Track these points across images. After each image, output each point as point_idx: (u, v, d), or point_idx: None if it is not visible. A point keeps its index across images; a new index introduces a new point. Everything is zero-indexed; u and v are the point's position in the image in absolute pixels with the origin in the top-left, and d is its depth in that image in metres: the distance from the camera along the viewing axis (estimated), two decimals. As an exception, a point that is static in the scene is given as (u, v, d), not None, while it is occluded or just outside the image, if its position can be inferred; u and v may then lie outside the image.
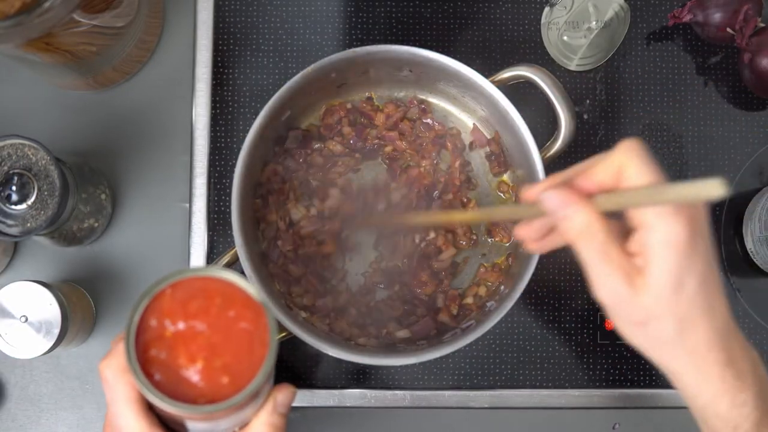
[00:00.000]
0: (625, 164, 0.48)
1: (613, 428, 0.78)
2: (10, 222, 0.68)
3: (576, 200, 0.49)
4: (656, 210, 0.47)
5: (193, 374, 0.45)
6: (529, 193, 0.52)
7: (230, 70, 0.79)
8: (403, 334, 0.72)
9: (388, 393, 0.76)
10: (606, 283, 0.49)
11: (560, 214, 0.49)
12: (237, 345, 0.46)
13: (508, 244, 0.75)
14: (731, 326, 0.51)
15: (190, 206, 0.77)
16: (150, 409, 0.50)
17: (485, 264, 0.75)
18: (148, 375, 0.45)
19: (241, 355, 0.46)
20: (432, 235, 0.75)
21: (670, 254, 0.48)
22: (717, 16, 0.75)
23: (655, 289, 0.48)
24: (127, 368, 0.45)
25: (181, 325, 0.46)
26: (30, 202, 0.67)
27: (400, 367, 0.76)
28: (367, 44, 0.70)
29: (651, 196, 0.47)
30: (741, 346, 0.51)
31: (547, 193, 0.49)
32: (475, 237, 0.75)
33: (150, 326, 0.46)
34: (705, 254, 0.49)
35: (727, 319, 0.51)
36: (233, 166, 0.68)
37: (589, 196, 0.49)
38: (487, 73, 0.69)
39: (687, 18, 0.76)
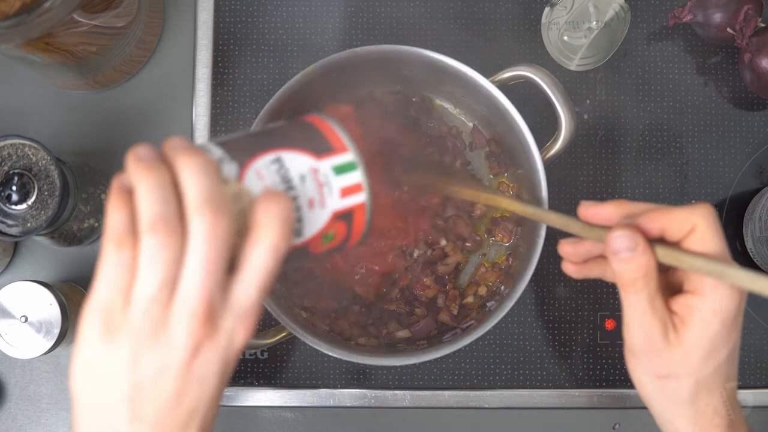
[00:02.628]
0: (699, 227, 0.48)
1: (613, 428, 0.78)
2: (10, 222, 0.67)
3: (644, 246, 0.48)
4: (713, 281, 0.48)
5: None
6: (591, 212, 0.52)
7: (230, 70, 0.79)
8: (403, 334, 0.72)
9: (388, 393, 0.76)
10: (642, 330, 0.50)
11: (623, 255, 0.49)
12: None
13: (508, 244, 0.75)
14: (735, 392, 0.53)
15: (190, 206, 0.77)
16: None
17: (485, 264, 0.75)
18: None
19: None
20: (444, 242, 0.74)
21: (715, 323, 0.49)
22: (717, 16, 0.75)
23: (687, 350, 0.49)
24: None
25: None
26: (30, 202, 0.67)
27: (400, 367, 0.76)
28: (367, 44, 0.70)
29: (714, 270, 0.47)
30: (739, 412, 0.53)
31: (620, 233, 0.48)
32: (479, 238, 0.75)
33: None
34: (740, 327, 0.51)
35: (735, 385, 0.52)
36: (233, 166, 0.68)
37: (649, 239, 0.49)
38: (487, 73, 0.69)
39: (687, 18, 0.76)
